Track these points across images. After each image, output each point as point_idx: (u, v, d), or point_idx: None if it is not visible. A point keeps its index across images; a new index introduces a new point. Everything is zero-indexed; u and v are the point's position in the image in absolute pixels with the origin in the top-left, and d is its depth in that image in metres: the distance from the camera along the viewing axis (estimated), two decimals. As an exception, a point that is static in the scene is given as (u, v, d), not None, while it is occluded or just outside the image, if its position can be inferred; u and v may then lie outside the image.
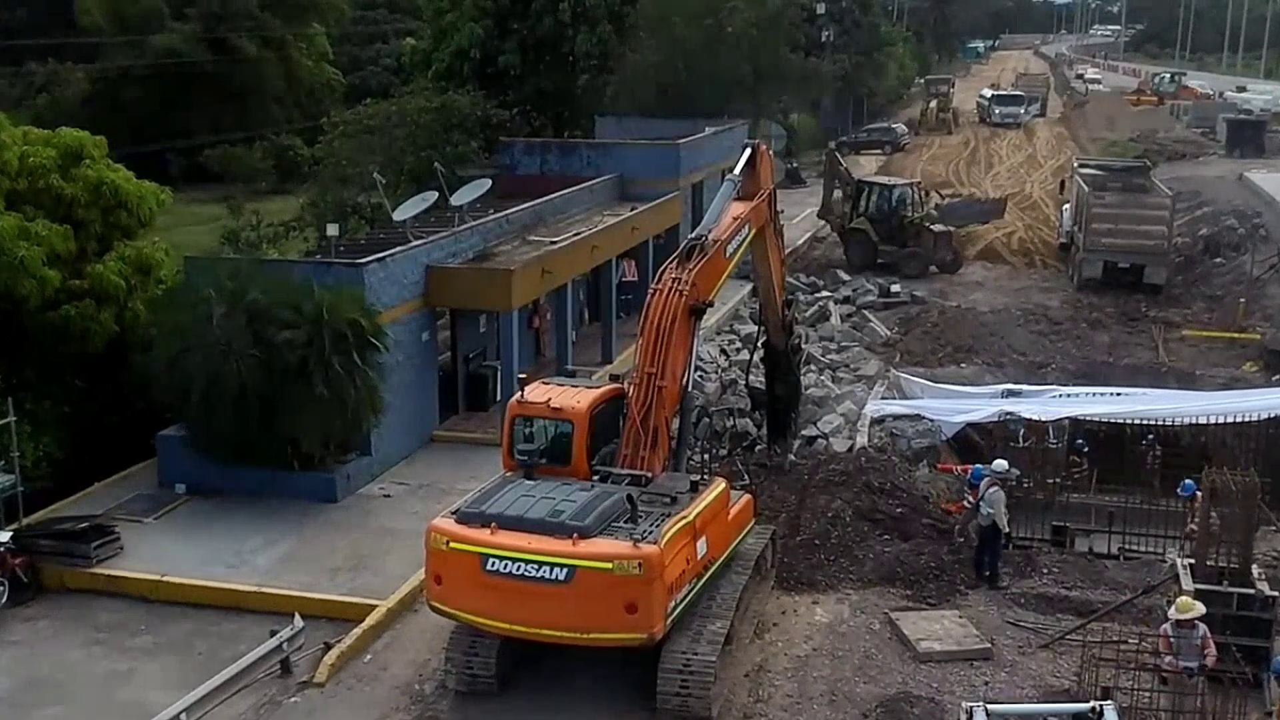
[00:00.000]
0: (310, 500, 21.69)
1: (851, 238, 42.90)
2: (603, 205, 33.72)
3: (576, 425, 16.73)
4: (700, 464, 21.60)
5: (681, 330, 17.53)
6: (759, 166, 20.82)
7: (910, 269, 41.86)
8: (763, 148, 21.00)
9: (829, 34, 77.30)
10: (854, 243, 42.77)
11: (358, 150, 43.82)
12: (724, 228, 19.17)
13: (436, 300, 24.46)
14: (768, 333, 22.85)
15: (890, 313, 37.57)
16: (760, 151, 20.84)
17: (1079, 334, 35.19)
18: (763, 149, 20.97)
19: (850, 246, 42.94)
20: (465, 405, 26.44)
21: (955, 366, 31.70)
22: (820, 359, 30.93)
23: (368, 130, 43.84)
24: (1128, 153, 72.98)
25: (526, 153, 35.96)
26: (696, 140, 36.91)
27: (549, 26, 45.27)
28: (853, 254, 42.82)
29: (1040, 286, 41.44)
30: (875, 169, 72.23)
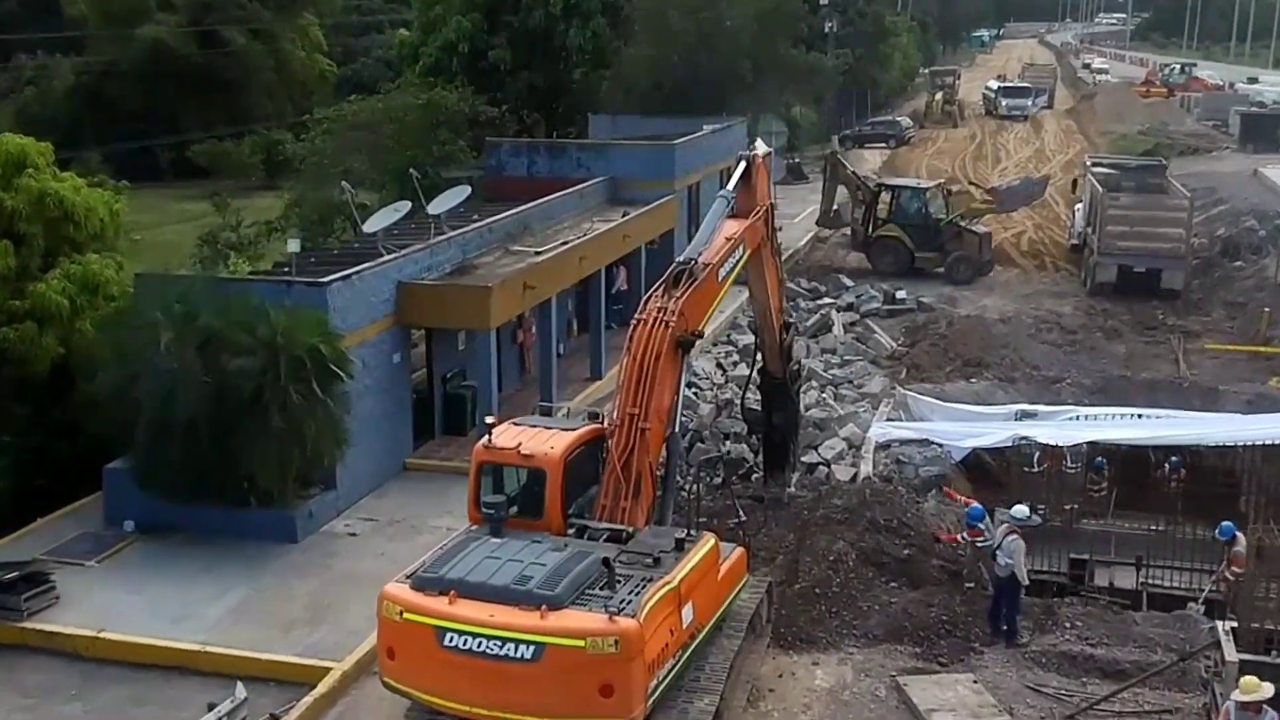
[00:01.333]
0: (269, 540, 20.00)
1: (879, 245, 40.90)
2: (593, 210, 32.00)
3: (549, 474, 15.03)
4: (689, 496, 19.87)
5: (667, 366, 15.83)
6: (755, 181, 19.11)
7: (960, 274, 40.19)
8: (759, 160, 19.27)
9: (832, 25, 75.54)
10: (884, 250, 40.81)
11: (342, 149, 42.15)
12: (716, 250, 17.46)
13: (409, 319, 22.76)
14: (764, 359, 21.12)
15: (896, 321, 35.89)
16: (757, 165, 19.12)
17: (1094, 345, 33.48)
18: (759, 161, 19.25)
19: (878, 254, 40.92)
20: (442, 429, 24.75)
21: (965, 382, 29.97)
22: (822, 374, 29.23)
23: (352, 127, 42.15)
24: (1138, 146, 71.17)
25: (513, 154, 34.22)
26: (693, 140, 35.16)
27: (540, 20, 43.49)
28: (882, 262, 40.86)
29: (1052, 291, 39.73)
30: (879, 164, 70.63)
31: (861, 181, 42.75)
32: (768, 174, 19.80)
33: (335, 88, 78.26)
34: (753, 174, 19.03)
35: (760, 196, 19.30)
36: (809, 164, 70.10)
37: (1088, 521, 24.88)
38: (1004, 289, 39.96)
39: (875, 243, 41.08)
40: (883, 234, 40.93)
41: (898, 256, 40.76)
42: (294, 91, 78.49)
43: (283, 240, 44.27)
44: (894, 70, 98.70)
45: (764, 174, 19.53)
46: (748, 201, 19.00)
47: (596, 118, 41.96)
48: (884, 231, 40.92)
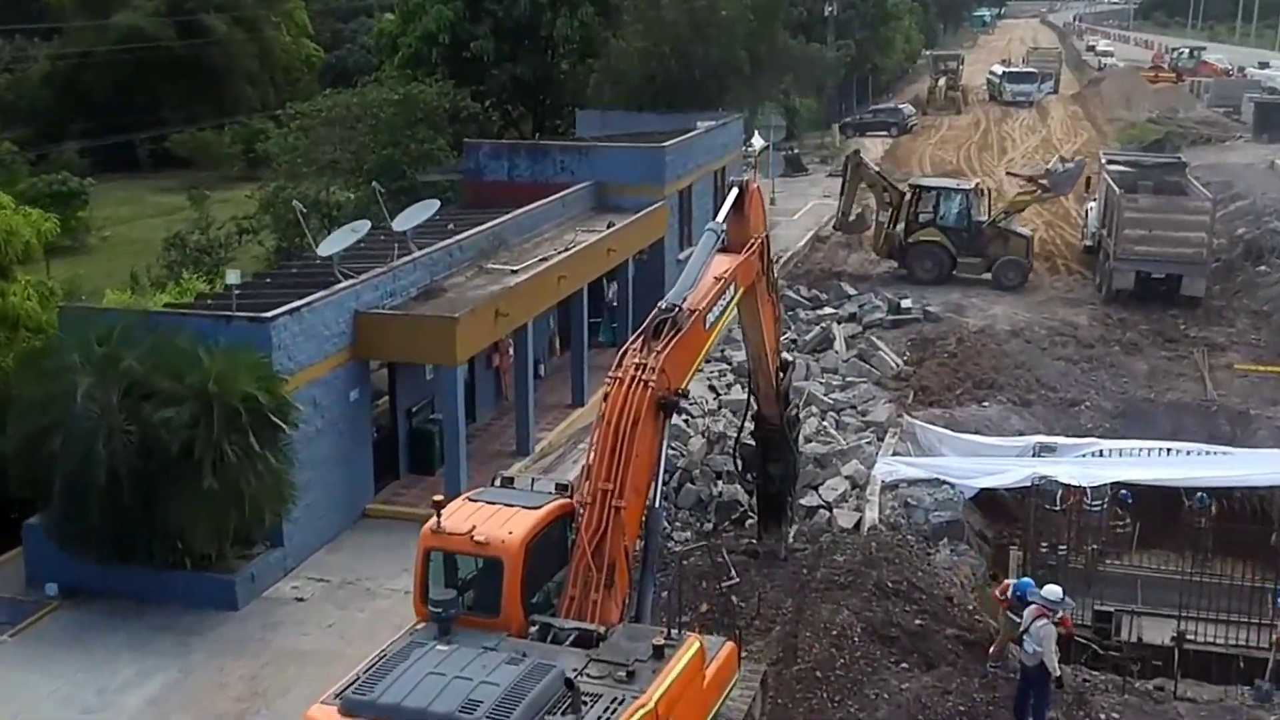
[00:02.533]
0: (205, 607, 17.90)
1: (918, 251, 38.51)
2: (577, 219, 29.79)
3: (507, 565, 12.90)
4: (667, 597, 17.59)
5: (647, 432, 13.69)
6: (748, 210, 16.93)
7: (1009, 279, 37.93)
8: (753, 186, 17.09)
9: (832, 9, 73.19)
10: (924, 256, 38.45)
11: (316, 147, 39.93)
12: (703, 293, 15.28)
13: (368, 353, 20.60)
14: (758, 404, 18.95)
15: (901, 332, 33.70)
16: (750, 192, 16.94)
17: (1113, 361, 31.29)
18: (753, 188, 17.06)
19: (917, 261, 38.52)
20: (408, 467, 22.63)
21: (976, 405, 27.85)
22: (822, 399, 27.06)
23: (327, 123, 39.92)
24: (1148, 135, 69.05)
25: (493, 157, 31.96)
26: (685, 140, 32.91)
27: (525, 8, 41.17)
28: (922, 269, 38.45)
29: (1065, 297, 37.52)
30: (880, 153, 68.34)
31: (889, 182, 40.33)
32: (762, 201, 17.61)
33: (320, 75, 76.03)
34: (745, 202, 16.86)
35: (754, 226, 17.13)
36: (809, 154, 67.97)
37: (1111, 562, 23.00)
38: (1015, 295, 37.73)
39: (913, 248, 38.61)
40: (923, 238, 38.52)
41: (939, 263, 38.45)
42: (278, 79, 76.16)
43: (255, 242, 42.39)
44: (896, 54, 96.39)
45: (758, 202, 17.37)
46: (740, 233, 16.84)
47: (584, 113, 39.69)
48: (924, 236, 38.51)
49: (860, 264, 42.15)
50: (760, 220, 17.38)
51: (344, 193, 39.13)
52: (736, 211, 16.80)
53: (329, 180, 39.34)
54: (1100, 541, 22.92)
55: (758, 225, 17.27)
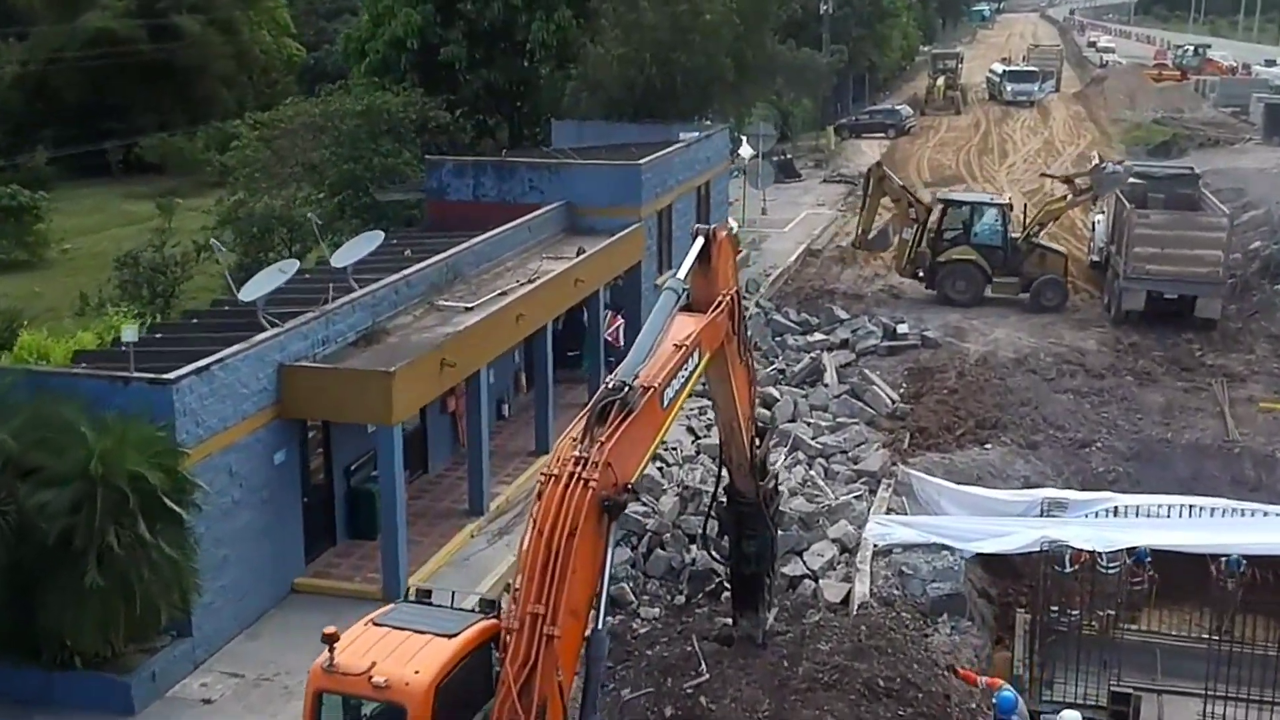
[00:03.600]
0: (98, 711, 15.63)
1: (950, 270, 36.03)
2: (545, 243, 27.50)
3: (412, 712, 10.65)
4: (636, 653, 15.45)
5: (586, 543, 11.39)
6: (716, 262, 14.64)
7: (1049, 300, 35.58)
8: (721, 235, 14.77)
9: (828, 6, 70.82)
10: (956, 276, 35.99)
11: (276, 160, 37.66)
12: (660, 364, 12.98)
13: (294, 410, 18.30)
14: (730, 477, 16.64)
15: (897, 360, 31.41)
16: (718, 241, 14.64)
17: (1125, 393, 28.98)
18: (721, 237, 14.75)
19: (949, 281, 36.05)
20: (346, 532, 20.36)
21: (978, 448, 25.61)
22: (809, 443, 24.75)
23: (286, 135, 37.65)
24: (1154, 137, 66.78)
25: (457, 175, 29.64)
26: (664, 157, 30.57)
27: (499, 12, 38.82)
28: (955, 290, 35.98)
29: (1072, 319, 35.19)
30: (878, 155, 66.03)
31: (915, 197, 37.84)
32: (733, 251, 15.31)
33: (299, 76, 73.65)
34: (713, 253, 14.56)
35: (723, 281, 14.84)
36: (803, 157, 65.66)
37: (1128, 628, 20.80)
38: (1018, 316, 35.43)
39: (944, 268, 36.13)
40: (956, 257, 36.05)
41: (972, 282, 36.03)
42: (256, 80, 73.78)
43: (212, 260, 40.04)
44: (893, 51, 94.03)
45: (728, 251, 15.08)
46: (706, 290, 14.55)
47: (560, 124, 37.38)
48: (957, 254, 36.04)
49: (854, 281, 39.88)
50: (730, 273, 15.10)
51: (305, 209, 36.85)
52: (702, 264, 14.53)
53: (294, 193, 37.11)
54: (1116, 606, 20.74)
55: (727, 279, 14.97)
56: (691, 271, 14.30)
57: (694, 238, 14.64)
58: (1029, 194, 53.02)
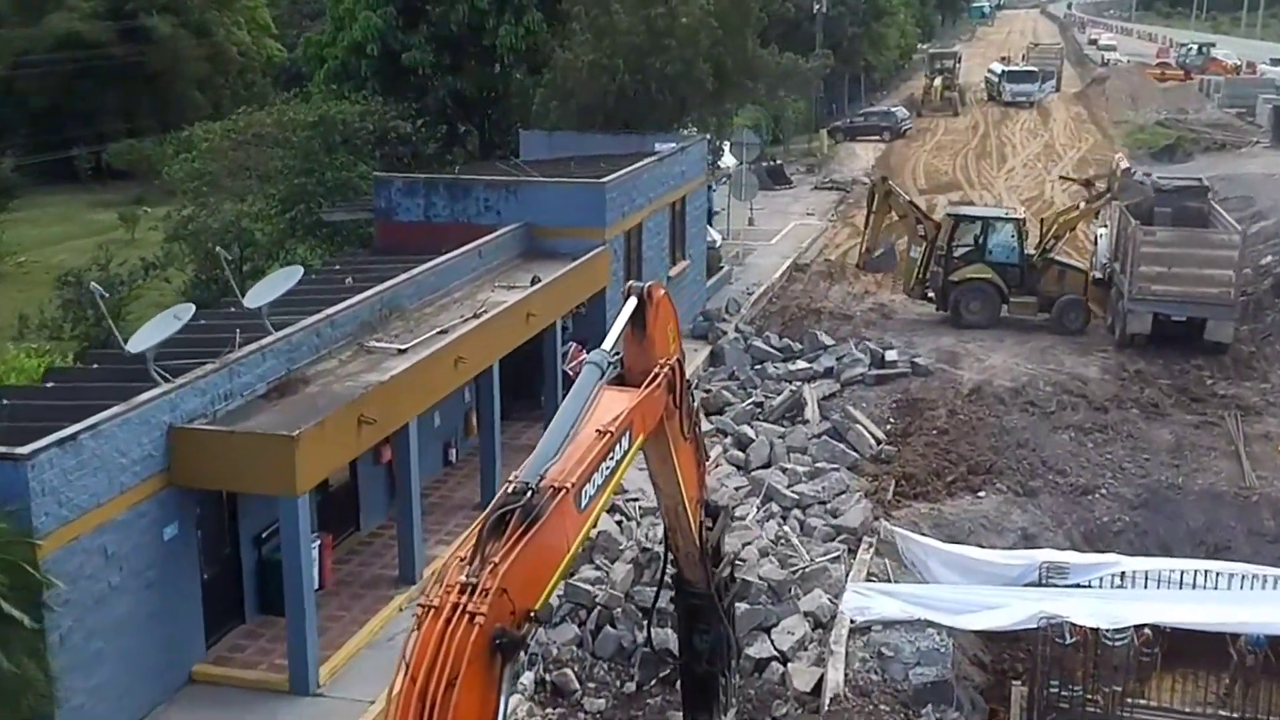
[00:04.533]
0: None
1: (965, 290, 33.73)
2: (498, 271, 25.24)
3: None
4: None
5: (472, 695, 9.01)
6: (652, 326, 12.35)
7: (1072, 323, 33.39)
8: (658, 294, 12.47)
9: (820, 5, 68.56)
10: (971, 297, 33.73)
11: (227, 173, 35.42)
12: (577, 457, 10.64)
13: (186, 478, 16.04)
14: (678, 566, 14.37)
15: (886, 390, 29.20)
16: (655, 302, 12.36)
17: (1130, 430, 26.74)
18: (658, 296, 12.46)
19: (965, 302, 33.77)
20: (256, 607, 18.12)
21: (970, 497, 23.41)
22: (784, 493, 22.50)
23: (236, 146, 35.41)
24: (1157, 140, 64.53)
25: (407, 193, 27.37)
26: (633, 173, 28.27)
27: (465, 15, 36.52)
28: (969, 311, 33.71)
29: (1073, 343, 32.90)
30: (872, 160, 63.84)
31: (923, 214, 35.52)
32: (672, 312, 13.01)
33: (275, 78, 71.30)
34: (649, 316, 12.28)
35: (661, 347, 12.54)
36: (795, 161, 63.38)
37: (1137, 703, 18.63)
38: (1016, 338, 33.19)
39: (958, 287, 33.82)
40: (971, 275, 33.73)
41: (988, 303, 33.74)
42: (232, 82, 71.47)
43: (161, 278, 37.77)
44: (890, 50, 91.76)
45: (667, 312, 12.77)
46: (641, 359, 12.29)
47: (528, 134, 35.12)
48: (971, 273, 33.74)
49: (843, 299, 37.64)
50: (669, 338, 12.80)
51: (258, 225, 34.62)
52: (636, 329, 12.26)
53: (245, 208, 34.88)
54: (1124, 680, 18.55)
55: (666, 344, 12.68)
56: (622, 339, 12.04)
57: (625, 297, 12.37)
58: (1028, 201, 50.95)
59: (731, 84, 35.79)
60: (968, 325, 33.59)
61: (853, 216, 49.50)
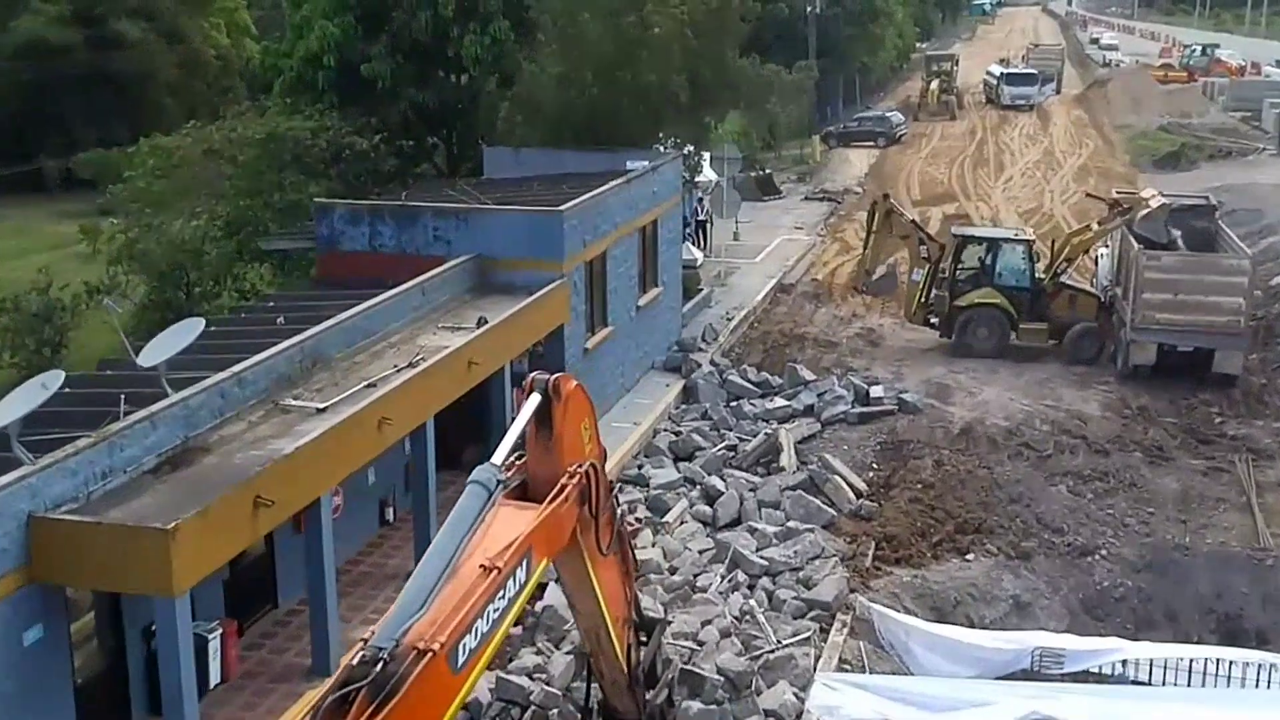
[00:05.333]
0: None
1: (973, 317, 31.71)
2: (444, 309, 23.15)
3: None
4: None
5: None
6: (560, 424, 10.28)
7: (1084, 351, 31.38)
8: (567, 387, 10.40)
9: (813, 6, 66.47)
10: (978, 324, 31.70)
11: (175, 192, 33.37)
12: (452, 606, 8.60)
13: (50, 575, 13.95)
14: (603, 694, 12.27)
15: (870, 429, 27.16)
16: (564, 396, 10.29)
17: (1133, 477, 24.68)
18: (567, 390, 10.38)
19: (971, 330, 31.77)
20: (144, 706, 16.02)
21: (958, 560, 21.34)
22: (751, 559, 20.40)
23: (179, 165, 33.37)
24: (1160, 146, 62.56)
25: (350, 221, 25.25)
26: (595, 199, 26.12)
27: (427, 23, 34.40)
28: (977, 339, 31.70)
29: (1072, 373, 30.82)
30: (865, 169, 61.79)
31: (927, 234, 33.28)
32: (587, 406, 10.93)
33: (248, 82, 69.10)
34: (556, 414, 10.21)
35: (571, 451, 10.47)
36: (785, 169, 61.28)
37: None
38: (1011, 369, 31.12)
39: (964, 313, 31.76)
40: (979, 300, 31.65)
41: (997, 331, 31.70)
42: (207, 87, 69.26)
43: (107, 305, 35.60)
44: (887, 51, 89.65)
45: (580, 407, 10.69)
46: (547, 466, 10.25)
47: (493, 151, 33.05)
48: (979, 298, 31.69)
49: (828, 323, 35.61)
50: (583, 438, 10.71)
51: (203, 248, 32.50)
52: (542, 430, 10.19)
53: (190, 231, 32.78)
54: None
55: (579, 446, 10.60)
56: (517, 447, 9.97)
57: (526, 393, 10.30)
58: (1027, 214, 48.89)
59: (709, 97, 33.58)
60: (974, 354, 31.57)
61: (842, 231, 47.54)
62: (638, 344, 29.18)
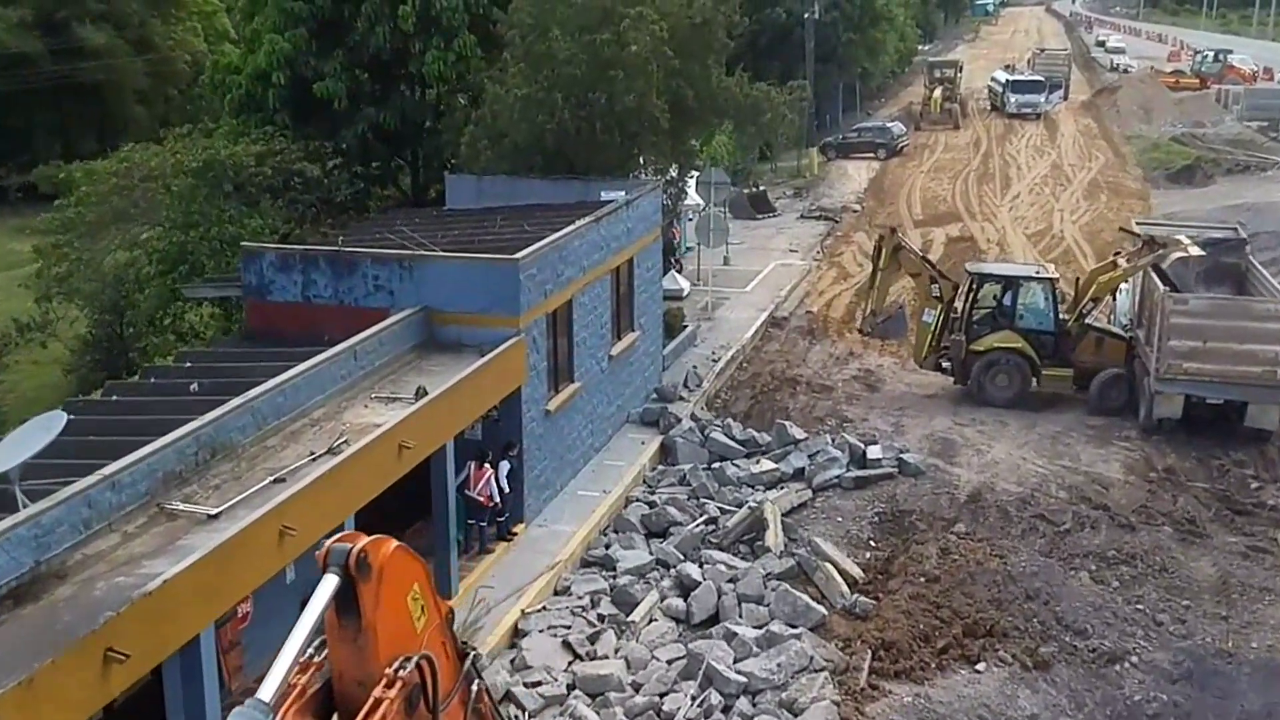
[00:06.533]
0: None
1: (992, 364, 28.90)
2: (382, 372, 20.33)
3: None
4: None
5: None
6: (373, 613, 7.38)
7: (1111, 400, 28.56)
8: (382, 554, 7.44)
9: (812, 12, 63.58)
10: (996, 371, 28.90)
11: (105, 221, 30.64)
12: None
13: None
14: None
15: (867, 496, 24.37)
16: (376, 571, 7.39)
17: (1164, 560, 21.81)
18: (381, 559, 7.42)
19: (989, 378, 28.96)
20: None
21: (966, 670, 18.47)
22: (725, 675, 17.56)
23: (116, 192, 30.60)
24: (1174, 159, 59.77)
25: (282, 269, 22.38)
26: (556, 244, 23.17)
27: (385, 38, 31.60)
28: (994, 386, 28.94)
29: (1089, 426, 28.03)
30: (865, 183, 58.94)
31: (939, 271, 30.19)
32: (418, 570, 7.94)
33: (223, 92, 66.30)
34: (364, 598, 7.33)
35: (391, 643, 7.52)
36: (781, 184, 58.46)
37: None
38: (1022, 422, 28.33)
39: (984, 359, 28.90)
40: (997, 345, 28.88)
41: (1017, 378, 28.91)
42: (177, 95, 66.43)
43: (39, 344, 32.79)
44: (888, 55, 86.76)
45: (399, 582, 7.65)
46: (359, 665, 7.40)
47: (456, 179, 30.25)
48: (997, 342, 28.89)
49: (823, 364, 32.83)
50: (409, 619, 7.75)
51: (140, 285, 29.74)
52: (346, 619, 7.33)
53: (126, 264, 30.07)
54: None
55: (402, 634, 7.65)
56: (328, 630, 7.14)
57: (321, 565, 7.40)
58: (1036, 236, 46.13)
59: (692, 119, 30.73)
60: (992, 403, 28.78)
61: (839, 254, 44.79)
62: (610, 398, 26.35)
